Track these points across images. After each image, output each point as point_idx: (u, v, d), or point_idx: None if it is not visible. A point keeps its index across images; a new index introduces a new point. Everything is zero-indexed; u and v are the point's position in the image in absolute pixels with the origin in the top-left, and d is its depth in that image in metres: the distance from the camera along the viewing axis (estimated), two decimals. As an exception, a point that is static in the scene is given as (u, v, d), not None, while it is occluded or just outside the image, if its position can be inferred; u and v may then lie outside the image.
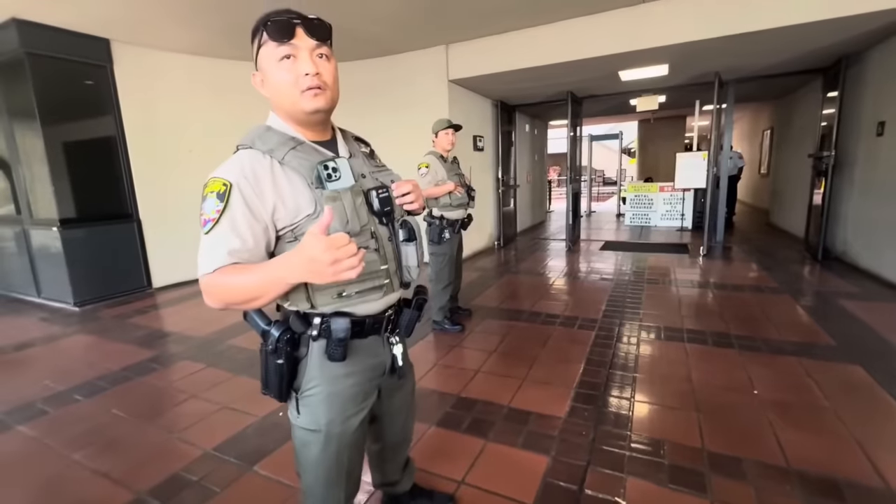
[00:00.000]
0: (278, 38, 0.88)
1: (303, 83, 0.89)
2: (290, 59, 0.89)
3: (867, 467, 1.63)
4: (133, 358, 2.94)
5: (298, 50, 0.89)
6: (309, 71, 0.89)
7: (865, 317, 3.12)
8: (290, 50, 0.89)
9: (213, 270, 0.85)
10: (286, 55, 0.89)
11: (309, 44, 0.90)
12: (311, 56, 0.90)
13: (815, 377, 2.30)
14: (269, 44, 0.90)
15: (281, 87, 0.91)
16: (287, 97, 0.91)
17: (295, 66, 0.89)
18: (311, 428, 1.01)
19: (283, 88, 0.91)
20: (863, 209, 4.44)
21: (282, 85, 0.90)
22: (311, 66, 0.89)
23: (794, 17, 3.54)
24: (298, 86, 0.90)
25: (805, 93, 6.27)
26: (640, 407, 2.11)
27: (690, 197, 7.69)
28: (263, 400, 2.27)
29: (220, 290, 0.86)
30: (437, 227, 2.96)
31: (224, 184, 0.86)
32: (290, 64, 0.89)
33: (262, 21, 0.90)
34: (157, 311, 4.03)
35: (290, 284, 0.85)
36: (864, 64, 4.46)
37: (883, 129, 4.06)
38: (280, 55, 0.89)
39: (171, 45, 4.50)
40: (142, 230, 4.63)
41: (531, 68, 4.70)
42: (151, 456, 1.89)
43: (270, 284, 0.84)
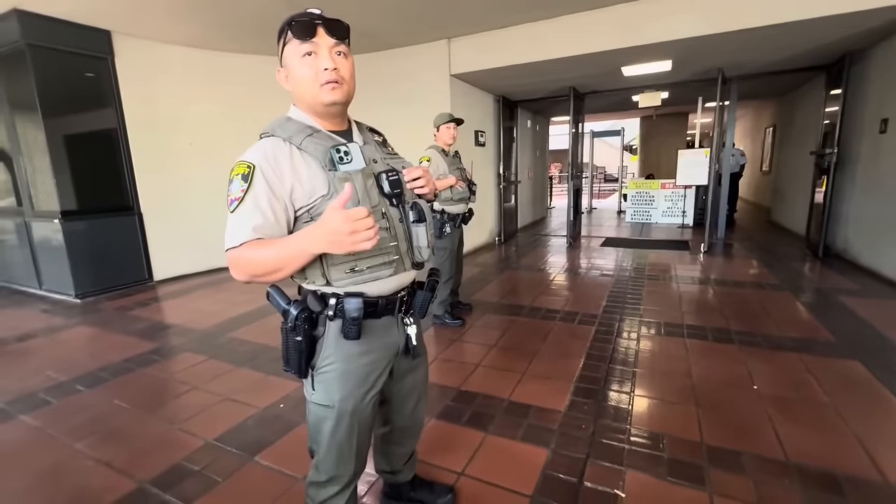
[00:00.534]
0: (301, 36, 0.97)
1: (322, 77, 0.98)
2: (312, 56, 0.98)
3: (866, 462, 1.63)
4: (134, 350, 2.95)
5: (319, 47, 0.98)
6: (328, 66, 0.98)
7: (865, 313, 3.13)
8: (312, 47, 0.97)
9: (240, 244, 0.92)
10: (308, 52, 0.98)
11: (328, 42, 0.98)
12: (330, 53, 0.98)
13: (814, 373, 2.31)
14: (293, 42, 0.98)
15: (303, 81, 0.99)
16: (308, 90, 1.00)
17: (315, 62, 0.98)
18: (326, 403, 1.08)
19: (305, 82, 0.99)
20: (864, 207, 4.43)
21: (304, 79, 0.99)
22: (330, 61, 0.98)
23: (798, 13, 3.51)
24: (318, 80, 0.98)
25: (808, 90, 6.25)
26: (639, 401, 2.12)
27: (692, 194, 7.68)
28: (264, 391, 2.30)
29: (246, 263, 0.93)
30: (438, 221, 2.96)
31: (248, 166, 0.95)
32: (311, 60, 0.98)
33: (288, 22, 0.98)
34: (159, 304, 4.04)
35: (311, 255, 0.92)
36: (868, 61, 4.43)
37: (886, 126, 4.04)
38: (303, 52, 0.98)
39: (171, 37, 4.49)
40: (143, 223, 4.63)
41: (533, 63, 4.69)
42: (153, 446, 1.90)
43: (292, 256, 0.91)
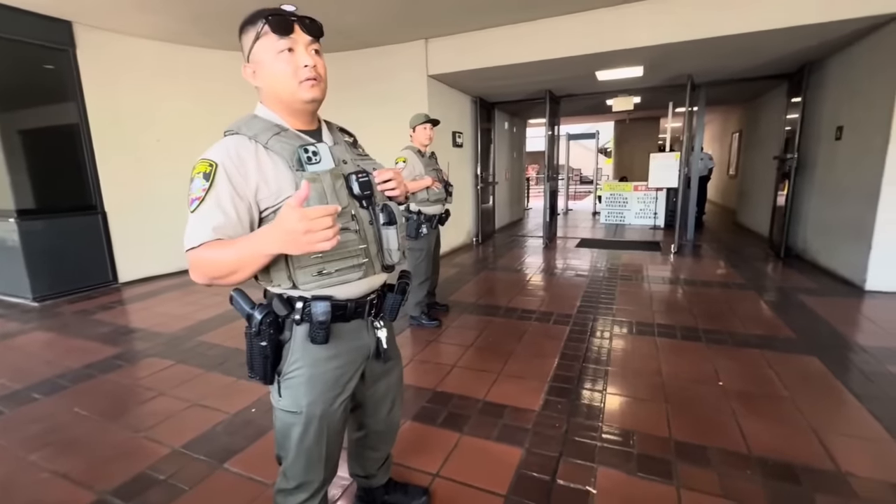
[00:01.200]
0: (280, 31, 0.95)
1: (302, 74, 0.96)
2: (289, 52, 0.96)
3: (821, 452, 1.71)
4: (96, 355, 2.82)
5: (296, 44, 0.96)
6: (308, 63, 0.96)
7: (822, 311, 3.29)
8: (290, 44, 0.95)
9: (198, 245, 0.89)
10: (285, 48, 0.95)
11: (305, 39, 0.97)
12: (307, 50, 0.97)
13: (775, 368, 2.41)
14: (269, 36, 0.95)
15: (280, 78, 0.96)
16: (286, 87, 0.97)
17: (294, 59, 0.96)
18: (293, 410, 1.05)
19: (283, 78, 0.96)
20: (821, 210, 4.66)
21: (281, 75, 0.96)
22: (310, 58, 0.97)
23: (761, 23, 3.67)
24: (297, 76, 0.96)
25: (771, 97, 6.53)
26: (611, 399, 2.16)
27: (663, 196, 7.91)
28: (234, 396, 2.24)
29: (204, 265, 0.89)
30: (414, 222, 2.95)
31: (210, 164, 0.92)
32: (289, 56, 0.95)
33: (262, 15, 0.95)
34: (123, 307, 3.88)
35: (268, 256, 0.88)
36: (825, 71, 4.67)
37: (841, 133, 4.26)
38: (280, 48, 0.95)
39: (138, 30, 4.32)
40: (107, 222, 4.44)
41: (510, 66, 4.73)
42: (115, 455, 1.82)
43: (249, 256, 0.87)
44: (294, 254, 0.85)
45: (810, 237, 4.89)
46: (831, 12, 3.47)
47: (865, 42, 3.92)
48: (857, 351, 2.62)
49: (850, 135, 4.11)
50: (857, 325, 3.05)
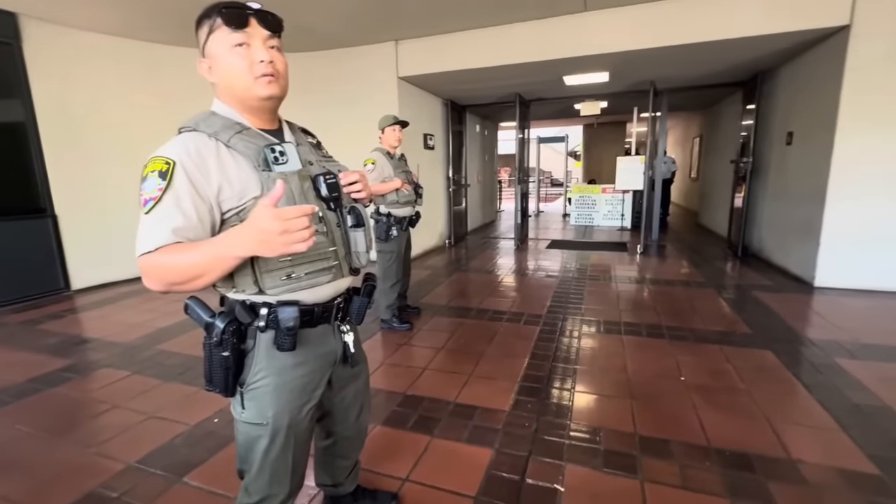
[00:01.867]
0: (233, 24, 0.90)
1: (257, 70, 0.92)
2: (244, 47, 0.91)
3: (774, 441, 1.80)
4: (43, 368, 2.65)
5: (252, 38, 0.92)
6: (264, 58, 0.92)
7: (775, 307, 3.46)
8: (244, 38, 0.91)
9: (155, 249, 0.82)
10: (240, 42, 0.91)
11: (262, 34, 0.93)
12: (264, 45, 0.93)
13: (733, 362, 2.52)
14: (222, 30, 0.91)
15: (234, 73, 0.92)
16: (240, 83, 0.93)
17: (249, 54, 0.92)
18: (258, 422, 1.00)
19: (237, 74, 0.92)
20: (774, 211, 4.92)
21: (235, 70, 0.92)
22: (266, 54, 0.92)
23: (715, 33, 3.86)
24: (252, 72, 0.92)
25: (728, 104, 6.85)
26: (579, 397, 2.20)
27: (629, 198, 8.16)
28: (195, 407, 2.15)
29: (162, 270, 0.83)
30: (384, 224, 2.92)
31: (167, 162, 0.85)
32: (243, 51, 0.91)
33: (216, 8, 0.91)
34: (76, 316, 3.67)
35: (237, 258, 0.83)
36: (777, 79, 4.94)
37: (791, 138, 4.52)
38: (234, 42, 0.91)
39: (90, 24, 4.11)
40: (58, 226, 4.19)
41: (479, 69, 4.78)
42: (63, 474, 1.71)
43: (217, 260, 0.82)
44: (267, 255, 0.80)
45: (765, 237, 5.15)
46: (778, 25, 3.69)
47: (811, 53, 4.18)
48: (807, 344, 2.77)
49: (800, 140, 4.36)
50: (807, 319, 3.23)
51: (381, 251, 3.01)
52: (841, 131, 3.67)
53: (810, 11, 3.59)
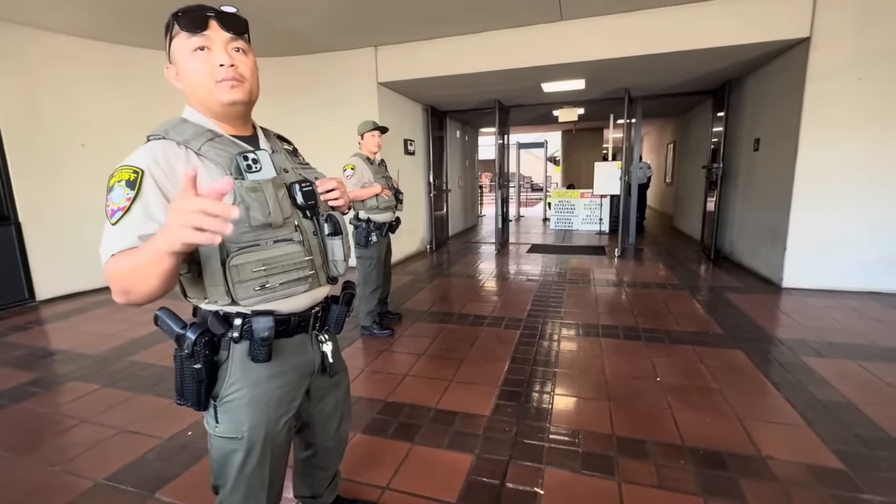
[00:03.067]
0: (190, 28, 0.88)
1: (218, 74, 0.89)
2: (205, 51, 0.89)
3: (744, 438, 1.86)
4: (6, 382, 2.54)
5: (213, 42, 0.89)
6: (224, 62, 0.89)
7: (746, 308, 3.58)
8: (204, 41, 0.88)
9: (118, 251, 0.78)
10: (199, 46, 0.88)
11: (223, 36, 0.90)
12: (225, 49, 0.90)
13: (706, 362, 2.59)
14: (181, 35, 0.89)
15: (196, 79, 0.90)
16: (202, 88, 0.90)
17: (209, 58, 0.89)
18: (233, 436, 0.97)
19: (198, 79, 0.89)
20: (744, 214, 5.10)
21: (196, 76, 0.89)
22: (226, 57, 0.89)
23: (687, 43, 4.00)
24: (213, 77, 0.89)
25: (699, 111, 7.08)
26: (559, 400, 2.23)
27: (607, 203, 8.33)
28: (169, 419, 2.09)
29: (115, 277, 0.78)
30: (363, 230, 2.91)
31: (135, 171, 0.82)
32: (203, 55, 0.89)
33: (174, 13, 0.89)
34: (42, 327, 3.53)
35: (161, 252, 0.70)
36: (744, 88, 5.13)
37: (758, 145, 4.70)
38: (193, 46, 0.88)
39: (55, 25, 3.98)
40: (21, 234, 4.03)
41: (458, 76, 4.82)
42: (28, 493, 1.64)
43: (148, 257, 0.72)
44: (168, 245, 0.68)
45: (736, 240, 5.33)
46: (743, 36, 3.85)
47: (775, 63, 4.36)
48: (775, 343, 2.87)
49: (766, 146, 4.54)
50: (776, 319, 3.35)
51: (360, 257, 2.99)
52: (804, 139, 3.83)
53: (773, 23, 3.76)
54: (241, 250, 0.88)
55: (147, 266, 0.74)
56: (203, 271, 0.89)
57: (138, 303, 0.81)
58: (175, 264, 0.74)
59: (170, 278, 0.77)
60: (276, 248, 0.93)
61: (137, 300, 0.80)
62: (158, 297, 0.80)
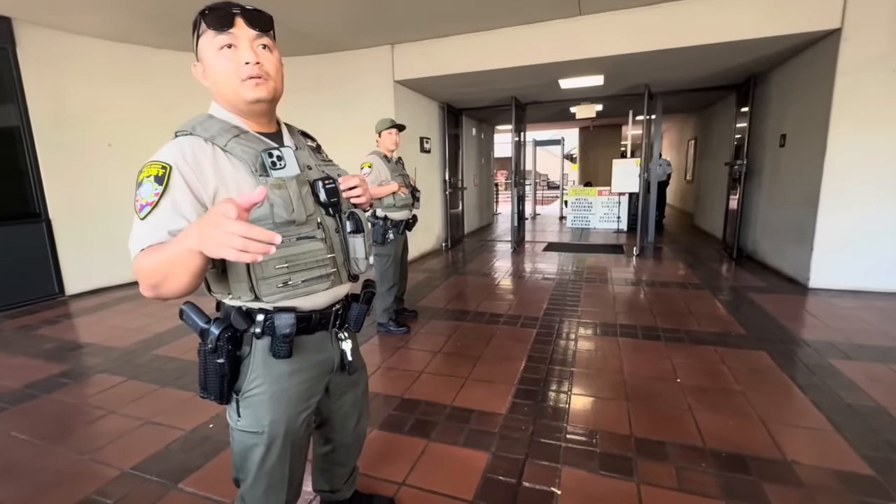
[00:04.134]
0: (217, 26, 0.88)
1: (243, 72, 0.89)
2: (231, 49, 0.89)
3: (768, 442, 1.81)
4: (38, 373, 2.64)
5: (238, 39, 0.89)
6: (249, 60, 0.89)
7: (770, 308, 3.48)
8: (230, 39, 0.89)
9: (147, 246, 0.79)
10: (226, 44, 0.89)
11: (249, 34, 0.90)
12: (251, 46, 0.90)
13: (728, 363, 2.53)
14: (207, 33, 0.89)
15: (221, 76, 0.90)
16: (228, 86, 0.91)
17: (235, 55, 0.89)
18: (254, 430, 0.99)
19: (224, 77, 0.90)
20: (768, 213, 4.96)
21: (222, 74, 0.90)
22: (252, 55, 0.89)
23: (707, 37, 3.90)
24: (239, 75, 0.89)
25: (722, 107, 6.90)
26: (576, 399, 2.21)
27: (626, 201, 8.19)
28: (192, 412, 2.14)
29: (143, 272, 0.78)
30: (380, 227, 2.93)
31: (163, 166, 0.83)
32: (230, 53, 0.89)
33: (201, 11, 0.89)
34: (71, 321, 3.65)
35: (192, 251, 0.71)
36: (769, 82, 4.98)
37: (784, 140, 4.55)
38: (219, 44, 0.89)
39: (86, 28, 4.11)
40: (52, 231, 4.17)
41: (475, 72, 4.80)
42: (58, 480, 1.70)
43: (178, 255, 0.73)
44: (205, 250, 0.68)
45: (759, 239, 5.19)
46: (770, 28, 3.73)
47: (803, 56, 4.22)
48: (801, 345, 2.79)
49: (793, 142, 4.40)
50: (802, 320, 3.25)
51: (377, 254, 3.01)
52: (833, 134, 3.70)
53: (801, 15, 3.63)
54: None
55: (178, 263, 0.74)
56: (227, 268, 0.91)
57: (166, 298, 0.81)
58: (205, 262, 0.75)
59: (199, 275, 0.78)
60: (299, 245, 0.94)
61: (166, 295, 0.80)
62: (187, 294, 0.81)
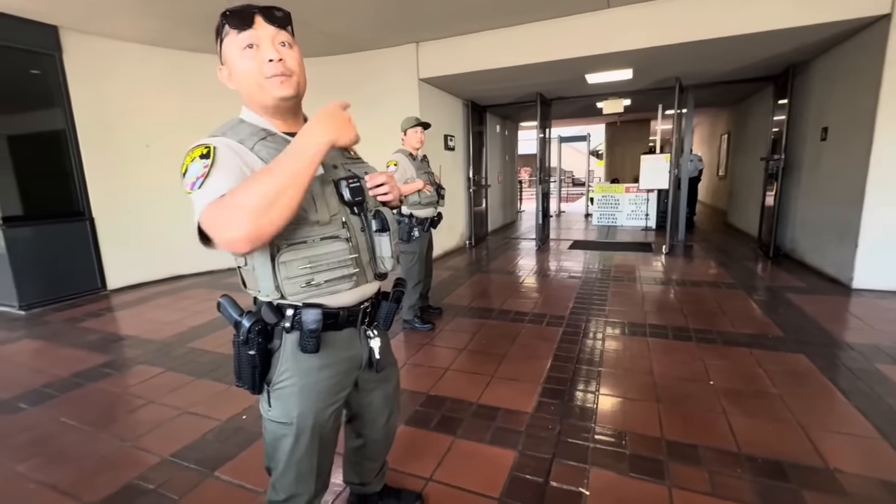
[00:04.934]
0: (238, 26, 0.90)
1: (268, 70, 0.91)
2: (253, 48, 0.91)
3: (809, 449, 1.73)
4: (84, 363, 2.78)
5: (260, 38, 0.91)
6: (272, 57, 0.90)
7: (810, 309, 3.33)
8: (252, 38, 0.91)
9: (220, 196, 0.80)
10: (248, 44, 0.91)
11: (269, 31, 0.92)
12: (273, 43, 0.92)
13: (764, 366, 2.44)
14: (230, 34, 0.91)
15: (247, 77, 0.92)
16: (254, 86, 0.93)
17: (258, 54, 0.91)
18: (283, 421, 1.01)
19: (249, 77, 0.92)
20: (808, 210, 4.73)
21: (247, 74, 0.92)
22: (274, 52, 0.91)
23: (744, 27, 3.74)
24: (263, 73, 0.91)
25: (758, 99, 6.62)
26: (604, 400, 2.17)
27: (654, 197, 7.98)
28: (226, 403, 2.22)
29: (242, 205, 0.77)
30: (406, 225, 2.95)
31: (206, 147, 0.86)
32: (253, 52, 0.91)
33: (222, 13, 0.91)
34: (112, 314, 3.84)
35: (320, 150, 0.83)
36: (810, 73, 4.75)
37: (826, 134, 4.33)
38: (242, 44, 0.91)
39: (126, 34, 4.29)
40: (95, 229, 4.39)
41: (500, 69, 4.76)
42: (104, 465, 1.80)
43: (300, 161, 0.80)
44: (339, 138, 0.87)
45: (798, 237, 4.96)
46: (812, 15, 3.54)
47: (848, 44, 4.00)
48: (844, 348, 2.65)
49: (835, 136, 4.18)
50: (845, 322, 3.10)
51: (403, 252, 3.03)
52: (880, 127, 3.50)
53: (846, 0, 3.44)
54: (289, 247, 0.92)
55: (300, 171, 0.80)
56: (255, 266, 0.94)
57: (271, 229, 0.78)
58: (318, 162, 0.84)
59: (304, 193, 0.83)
60: (322, 245, 0.95)
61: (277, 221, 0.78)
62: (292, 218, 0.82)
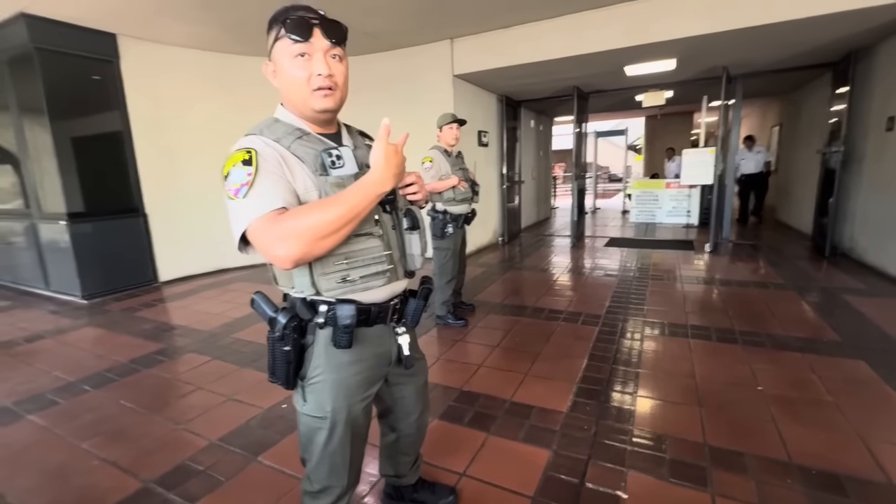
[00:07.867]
0: (297, 35, 0.91)
1: (315, 82, 0.93)
2: (305, 58, 0.93)
3: (869, 461, 1.62)
4: (140, 350, 2.98)
5: (314, 49, 0.93)
6: (322, 72, 0.93)
7: (870, 312, 3.10)
8: (306, 48, 0.92)
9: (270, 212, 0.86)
10: (301, 53, 0.92)
11: (324, 44, 0.93)
12: (325, 57, 0.93)
13: (818, 372, 2.30)
14: (285, 39, 0.92)
15: (293, 84, 0.94)
16: (298, 94, 0.95)
17: (309, 65, 0.93)
18: (317, 415, 1.04)
19: (296, 85, 0.94)
20: (870, 205, 4.39)
21: (294, 81, 0.94)
22: (325, 66, 0.93)
23: (801, 10, 3.49)
24: (310, 84, 0.93)
25: (814, 88, 6.19)
26: (642, 402, 2.11)
27: (697, 193, 7.63)
28: (267, 392, 2.32)
29: (299, 229, 0.84)
30: (440, 221, 2.96)
31: (248, 151, 0.89)
32: (304, 62, 0.93)
33: (282, 16, 0.92)
34: (164, 305, 4.08)
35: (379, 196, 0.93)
36: (874, 58, 4.39)
37: (892, 123, 4.00)
38: (295, 52, 0.92)
39: (177, 39, 4.52)
40: (148, 225, 4.67)
41: (536, 63, 4.68)
42: (158, 445, 1.92)
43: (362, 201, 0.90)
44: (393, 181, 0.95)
45: (858, 234, 4.62)
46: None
47: (920, 26, 3.67)
48: (910, 356, 2.46)
49: (903, 125, 3.86)
50: (911, 328, 2.87)
51: (437, 248, 3.05)
52: (957, 114, 3.20)
53: (920, -21, 3.15)
54: None
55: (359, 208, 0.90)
56: None
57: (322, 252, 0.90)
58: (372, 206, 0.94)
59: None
60: (357, 242, 0.97)
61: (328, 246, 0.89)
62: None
